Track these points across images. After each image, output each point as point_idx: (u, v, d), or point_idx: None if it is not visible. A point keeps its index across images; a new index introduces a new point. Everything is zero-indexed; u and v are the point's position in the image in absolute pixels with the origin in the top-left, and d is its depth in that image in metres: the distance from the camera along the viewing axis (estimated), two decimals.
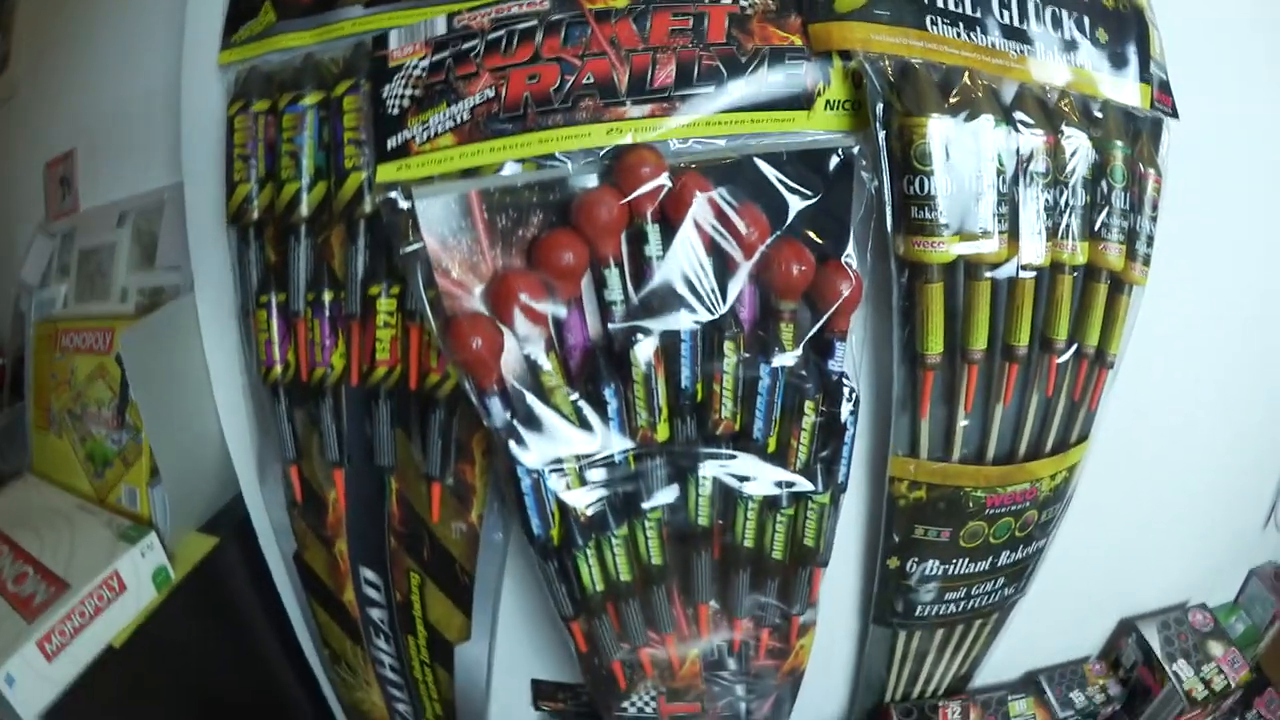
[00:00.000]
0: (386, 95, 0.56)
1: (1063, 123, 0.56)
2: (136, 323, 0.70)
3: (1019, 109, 0.55)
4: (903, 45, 0.53)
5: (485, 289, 0.52)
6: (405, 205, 0.52)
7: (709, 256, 0.52)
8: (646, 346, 0.52)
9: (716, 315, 0.52)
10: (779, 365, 0.53)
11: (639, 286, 0.52)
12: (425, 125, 0.54)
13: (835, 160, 0.52)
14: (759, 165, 0.52)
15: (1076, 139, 0.56)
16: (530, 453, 0.52)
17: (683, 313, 0.52)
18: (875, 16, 0.53)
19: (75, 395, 0.77)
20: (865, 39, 0.52)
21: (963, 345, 0.56)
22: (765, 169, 0.52)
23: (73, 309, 0.83)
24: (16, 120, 0.91)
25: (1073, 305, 0.58)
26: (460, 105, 0.54)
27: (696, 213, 0.51)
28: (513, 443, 0.52)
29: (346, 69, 0.58)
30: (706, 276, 0.52)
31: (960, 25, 0.55)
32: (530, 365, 0.53)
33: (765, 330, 0.54)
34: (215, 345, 0.70)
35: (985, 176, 0.53)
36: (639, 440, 0.54)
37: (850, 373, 0.56)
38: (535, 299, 0.52)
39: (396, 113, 0.55)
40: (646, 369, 0.52)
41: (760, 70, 0.53)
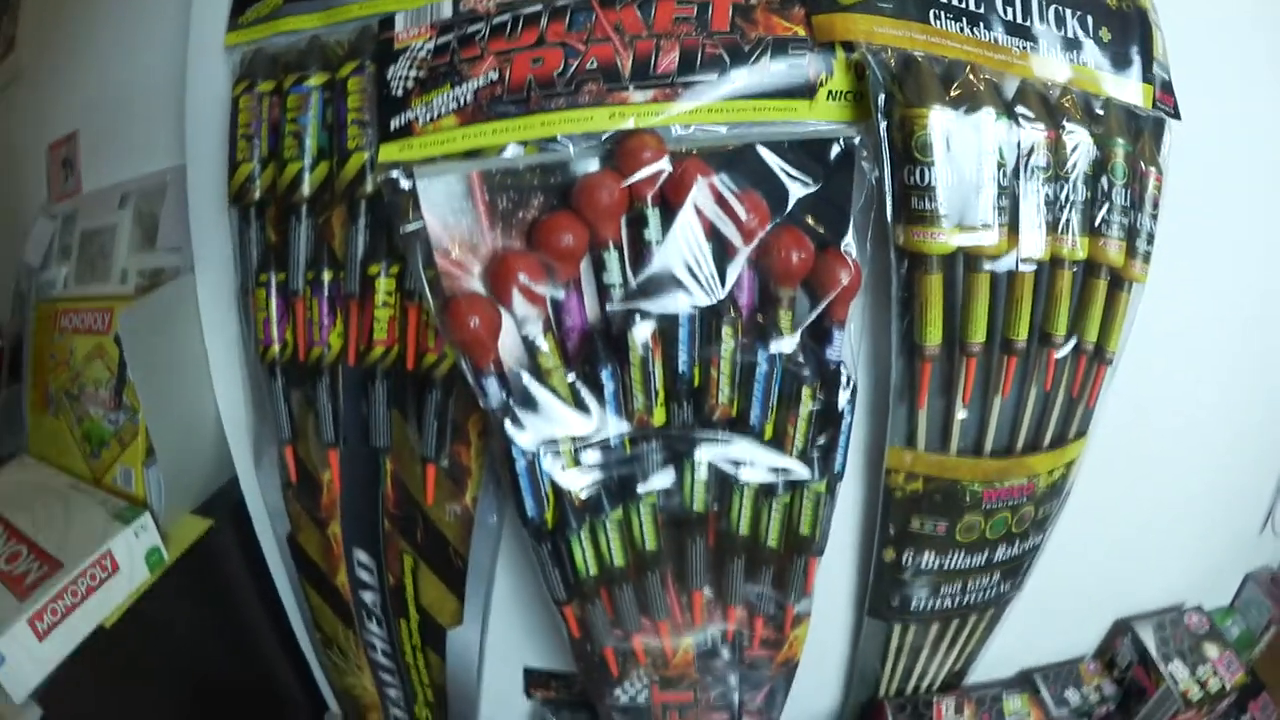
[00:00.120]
0: (391, 77, 0.56)
1: (1064, 118, 0.56)
2: (135, 303, 0.70)
3: (1021, 103, 0.55)
4: (905, 38, 0.53)
5: (484, 269, 0.52)
6: (407, 185, 0.52)
7: (708, 241, 0.52)
8: (644, 329, 0.52)
9: (715, 300, 0.52)
10: (777, 351, 0.53)
11: (638, 270, 0.52)
12: (428, 106, 0.54)
13: (836, 149, 0.52)
14: (760, 152, 0.52)
15: (1078, 134, 0.56)
16: (526, 433, 0.52)
17: (681, 296, 0.52)
18: (878, 9, 0.53)
19: (73, 376, 0.77)
20: (868, 31, 0.53)
21: (961, 337, 0.56)
22: (767, 156, 0.52)
23: (73, 290, 0.83)
24: (21, 102, 0.91)
25: (1072, 300, 0.58)
26: (464, 87, 0.54)
27: (697, 198, 0.51)
28: (508, 423, 0.52)
29: (352, 51, 0.59)
30: (705, 261, 0.52)
31: (963, 20, 0.55)
32: (528, 346, 0.53)
33: (764, 316, 0.54)
34: (214, 327, 0.70)
35: (986, 169, 0.53)
36: (635, 424, 0.54)
37: (848, 361, 0.55)
38: (534, 280, 0.52)
39: (400, 94, 0.55)
40: (644, 352, 0.52)
41: (763, 59, 0.53)
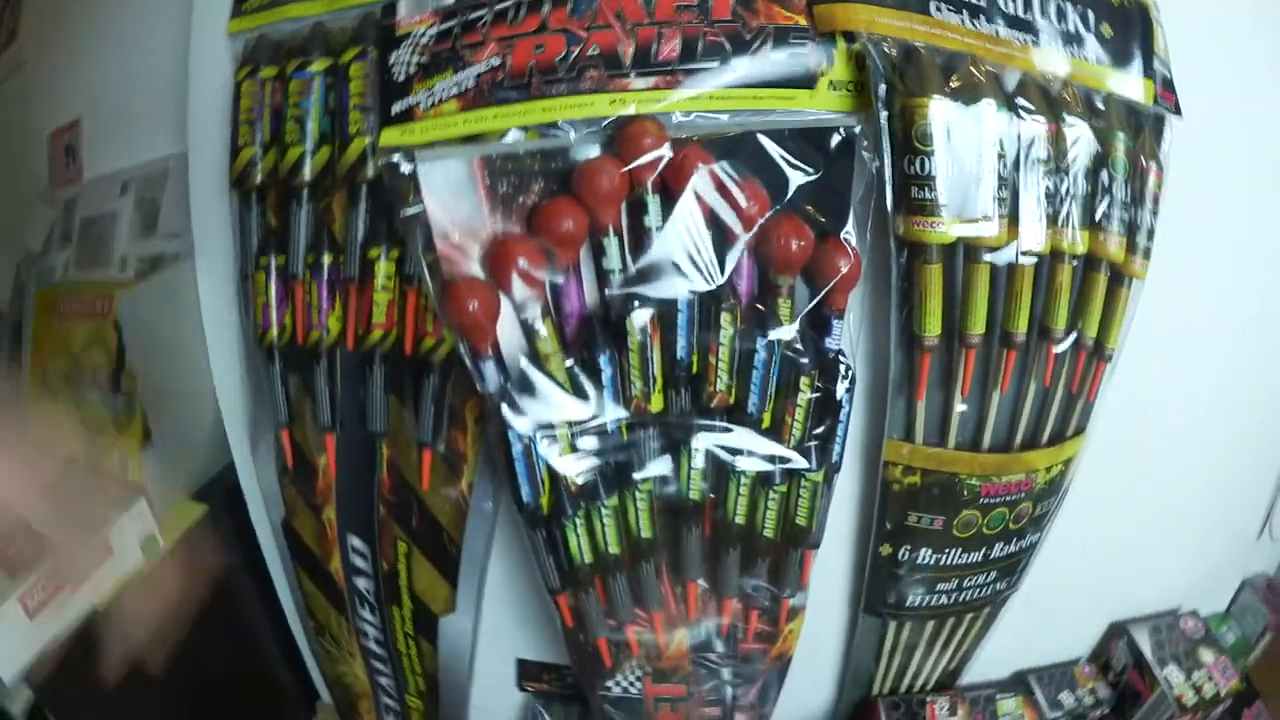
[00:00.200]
0: (393, 62, 0.56)
1: (1065, 111, 0.56)
2: (135, 288, 0.70)
3: (1021, 96, 0.55)
4: (906, 29, 0.53)
5: (484, 254, 0.52)
6: (407, 169, 0.52)
7: (708, 228, 0.52)
8: (642, 314, 0.52)
9: (714, 286, 0.52)
10: (775, 339, 0.53)
11: (637, 256, 0.52)
12: (430, 91, 0.54)
13: (837, 138, 0.52)
14: (761, 140, 0.52)
15: (1078, 128, 0.56)
16: (523, 418, 0.52)
17: (680, 282, 0.52)
18: (879, 0, 0.53)
19: (72, 361, 0.77)
20: (869, 21, 0.53)
21: (960, 329, 0.56)
22: (767, 144, 0.52)
23: (73, 276, 0.83)
24: (24, 90, 0.91)
25: (1072, 294, 0.58)
26: (465, 73, 0.54)
27: (697, 184, 0.51)
28: (505, 407, 0.52)
29: (354, 37, 0.59)
30: (705, 248, 0.52)
31: (965, 12, 0.55)
32: (526, 331, 0.53)
33: (763, 304, 0.54)
34: (212, 312, 0.70)
35: (986, 160, 0.53)
36: (633, 410, 0.54)
37: (847, 351, 0.55)
38: (533, 265, 0.52)
39: (402, 79, 0.55)
40: (642, 337, 0.52)
41: (764, 48, 0.53)
